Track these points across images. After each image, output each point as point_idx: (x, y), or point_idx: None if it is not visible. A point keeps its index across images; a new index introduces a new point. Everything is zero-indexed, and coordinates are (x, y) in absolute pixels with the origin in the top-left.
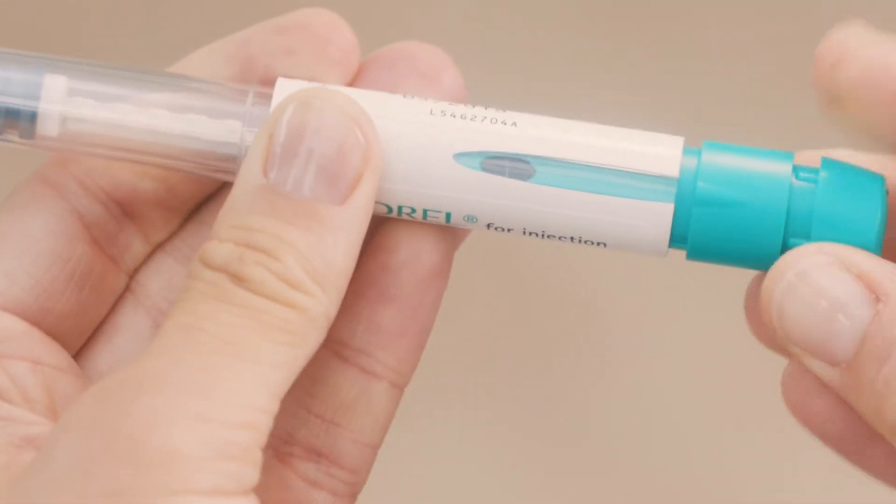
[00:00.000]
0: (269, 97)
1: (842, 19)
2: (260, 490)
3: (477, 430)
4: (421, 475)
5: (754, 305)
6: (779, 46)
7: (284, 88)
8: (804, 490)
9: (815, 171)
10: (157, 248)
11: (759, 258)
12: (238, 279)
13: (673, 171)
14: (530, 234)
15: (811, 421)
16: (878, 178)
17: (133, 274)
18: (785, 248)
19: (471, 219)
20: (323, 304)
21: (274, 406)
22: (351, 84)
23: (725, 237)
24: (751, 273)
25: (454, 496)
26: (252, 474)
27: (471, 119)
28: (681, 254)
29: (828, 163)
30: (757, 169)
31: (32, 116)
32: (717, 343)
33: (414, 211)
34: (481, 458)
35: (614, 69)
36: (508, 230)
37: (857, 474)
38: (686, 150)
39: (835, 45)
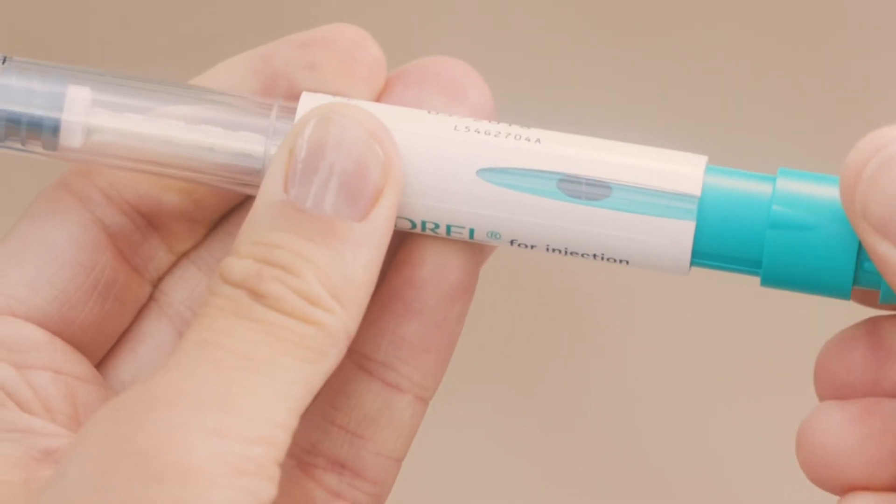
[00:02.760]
0: (293, 111)
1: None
2: (283, 501)
3: (499, 439)
4: (444, 486)
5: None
6: (803, 63)
7: (309, 103)
8: (803, 490)
9: None
10: (182, 257)
11: (832, 283)
12: (257, 295)
13: (695, 189)
14: (553, 250)
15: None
16: None
17: (157, 283)
18: (858, 271)
19: (494, 235)
20: (342, 320)
21: (292, 422)
22: (377, 100)
23: (798, 261)
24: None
25: None
26: (268, 489)
27: (494, 135)
28: (697, 270)
29: None
30: (830, 195)
31: (55, 128)
32: (724, 351)
33: (437, 226)
34: (504, 468)
35: (637, 86)
36: (532, 247)
37: None
38: (710, 169)
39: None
